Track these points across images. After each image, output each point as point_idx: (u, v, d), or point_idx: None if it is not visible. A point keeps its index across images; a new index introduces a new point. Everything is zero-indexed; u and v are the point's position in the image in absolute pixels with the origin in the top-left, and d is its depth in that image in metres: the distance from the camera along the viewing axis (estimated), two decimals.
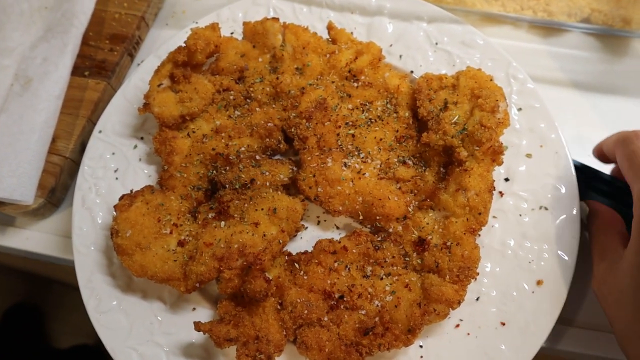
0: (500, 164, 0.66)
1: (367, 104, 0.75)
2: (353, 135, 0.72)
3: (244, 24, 0.79)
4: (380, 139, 0.72)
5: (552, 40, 0.87)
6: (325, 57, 0.77)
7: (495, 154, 0.66)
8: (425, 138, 0.69)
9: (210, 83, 0.75)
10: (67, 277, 1.71)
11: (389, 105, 0.75)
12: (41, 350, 1.81)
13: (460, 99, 0.70)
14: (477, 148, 0.66)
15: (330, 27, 0.79)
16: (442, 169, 0.70)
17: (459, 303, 0.60)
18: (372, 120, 0.74)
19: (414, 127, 0.73)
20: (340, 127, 0.73)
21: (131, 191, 0.69)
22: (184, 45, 0.75)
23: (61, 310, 1.97)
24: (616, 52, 0.84)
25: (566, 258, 0.63)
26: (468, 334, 0.61)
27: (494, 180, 0.66)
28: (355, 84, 0.76)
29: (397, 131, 0.73)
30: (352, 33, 0.80)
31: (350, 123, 0.73)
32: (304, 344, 0.59)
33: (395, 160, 0.71)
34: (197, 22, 0.83)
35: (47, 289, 1.99)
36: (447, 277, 0.61)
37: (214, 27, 0.77)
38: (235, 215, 0.66)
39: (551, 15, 0.85)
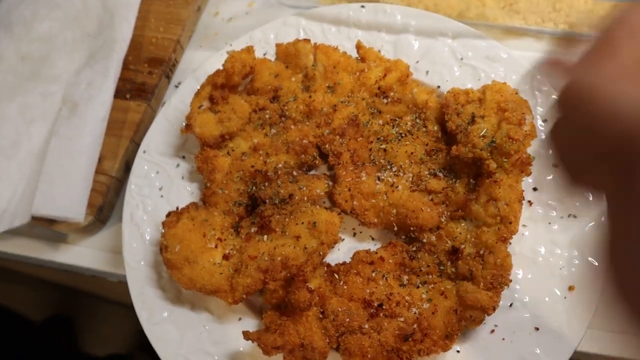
0: (528, 174, 0.69)
1: (397, 119, 0.78)
2: (385, 150, 0.76)
3: (277, 45, 0.83)
4: (411, 153, 0.75)
5: (574, 51, 0.89)
6: (355, 75, 0.81)
7: (524, 165, 0.69)
8: (455, 151, 0.72)
9: (246, 103, 0.79)
10: (97, 289, 1.77)
11: (418, 120, 0.78)
12: (77, 357, 1.86)
13: (487, 113, 0.73)
14: (505, 160, 0.69)
15: (359, 46, 0.82)
16: (472, 180, 0.73)
17: (494, 309, 0.63)
18: (403, 135, 0.77)
19: (443, 141, 0.77)
20: (372, 142, 0.76)
21: (177, 208, 0.73)
22: (221, 68, 0.79)
23: (92, 321, 2.03)
24: None
25: (596, 264, 0.66)
26: (503, 339, 0.64)
27: (523, 190, 0.68)
28: (385, 100, 0.79)
29: (427, 145, 0.76)
30: (379, 51, 0.83)
31: (382, 138, 0.77)
32: (347, 350, 0.63)
33: (427, 172, 0.74)
34: (231, 45, 0.87)
35: (78, 301, 2.05)
36: (481, 284, 0.64)
37: (249, 50, 0.81)
38: (277, 229, 0.69)
39: (572, 27, 0.87)
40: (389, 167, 0.75)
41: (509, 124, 0.71)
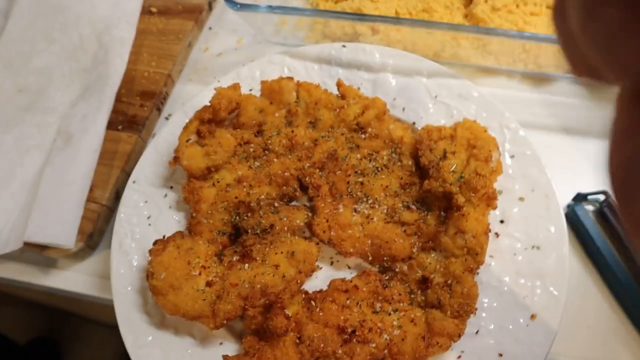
0: (494, 208, 0.74)
1: (374, 153, 0.83)
2: (362, 183, 0.80)
3: (262, 82, 0.88)
4: (386, 186, 0.80)
5: (543, 88, 0.95)
6: (335, 112, 0.85)
7: (490, 200, 0.73)
8: (427, 185, 0.77)
9: (232, 137, 0.84)
10: (83, 311, 1.79)
11: (393, 155, 0.83)
12: None
13: (457, 149, 0.78)
14: (473, 195, 0.73)
15: (339, 84, 0.88)
16: (442, 212, 0.77)
17: (459, 336, 0.67)
18: (379, 169, 0.81)
19: (416, 175, 0.81)
20: (350, 175, 0.81)
21: (164, 237, 0.77)
22: (209, 104, 0.84)
23: (76, 343, 2.04)
24: (601, 98, 0.92)
25: (556, 293, 0.70)
26: None
27: (489, 223, 0.73)
28: (363, 136, 0.84)
29: (402, 178, 0.81)
30: (359, 88, 0.89)
31: (359, 172, 0.81)
32: None
33: (400, 205, 0.78)
34: (219, 81, 0.92)
35: (63, 322, 2.06)
36: (449, 312, 0.68)
37: (236, 87, 0.86)
38: (258, 258, 0.73)
39: (540, 67, 0.93)
40: (365, 199, 0.79)
41: (477, 160, 0.76)
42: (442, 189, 0.76)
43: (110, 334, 1.99)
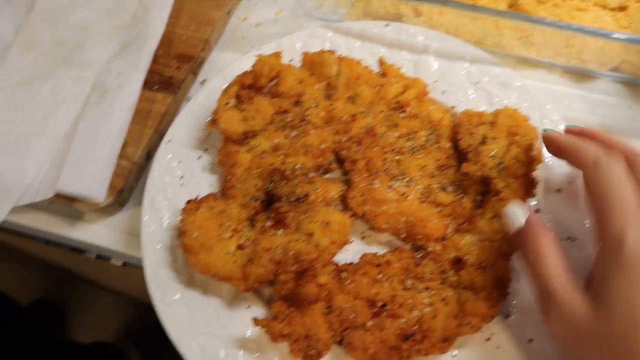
0: (533, 196, 0.73)
1: (412, 133, 0.82)
2: (398, 161, 0.80)
3: (304, 54, 0.87)
4: (423, 166, 0.79)
5: (584, 85, 0.94)
6: (375, 89, 0.85)
7: (530, 187, 0.73)
8: (465, 168, 0.76)
9: (270, 105, 0.83)
10: (91, 275, 1.79)
11: (431, 136, 0.82)
12: (61, 344, 1.87)
13: (498, 135, 0.77)
14: (512, 180, 0.73)
15: (381, 62, 0.87)
16: (478, 197, 0.77)
17: (492, 318, 0.66)
18: (416, 149, 0.81)
19: (453, 158, 0.81)
20: (386, 152, 0.80)
21: (196, 197, 0.77)
22: (250, 70, 0.83)
23: (81, 307, 2.05)
24: None
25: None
26: (498, 347, 0.68)
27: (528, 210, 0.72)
28: (402, 115, 0.83)
29: (439, 160, 0.80)
30: (400, 68, 0.88)
31: (396, 150, 0.81)
32: (350, 344, 0.66)
33: (436, 186, 0.78)
34: (259, 49, 0.91)
35: (70, 285, 2.06)
36: (481, 294, 0.68)
37: (277, 55, 0.85)
38: (292, 225, 0.73)
39: (583, 63, 0.92)
40: (401, 177, 0.78)
41: (518, 147, 0.75)
42: (480, 172, 0.75)
43: (115, 301, 2.00)
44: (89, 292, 2.02)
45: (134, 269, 1.12)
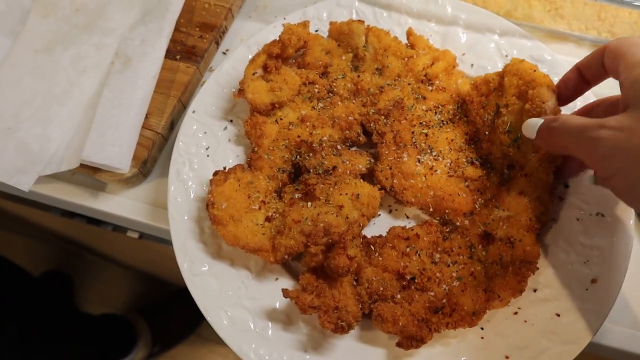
0: (558, 164, 0.70)
1: (440, 106, 0.81)
2: (426, 135, 0.79)
3: (331, 23, 0.86)
4: (452, 140, 0.79)
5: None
6: (403, 61, 0.83)
7: (552, 157, 0.69)
8: (486, 149, 0.76)
9: (297, 76, 0.82)
10: (101, 248, 1.80)
11: (459, 110, 0.81)
12: (71, 314, 1.89)
13: (509, 100, 0.73)
14: (533, 154, 0.70)
15: (409, 34, 0.85)
16: (506, 170, 0.76)
17: (521, 292, 0.66)
18: (444, 122, 0.80)
19: (482, 132, 0.80)
20: (415, 125, 0.79)
21: (224, 168, 0.76)
22: (277, 39, 0.82)
23: (91, 279, 2.07)
24: None
25: (618, 262, 0.69)
26: (525, 321, 0.68)
27: (554, 180, 0.70)
28: (430, 88, 0.82)
29: (467, 134, 0.79)
30: (428, 40, 0.86)
31: (424, 123, 0.80)
32: (380, 316, 0.66)
33: (464, 160, 0.77)
34: (285, 18, 0.90)
35: (79, 257, 2.08)
36: (510, 269, 0.68)
37: (305, 24, 0.83)
38: (321, 197, 0.73)
39: (614, 37, 0.90)
40: (429, 151, 0.78)
41: (533, 110, 0.69)
42: (500, 152, 0.74)
43: (123, 274, 2.01)
44: (99, 265, 2.03)
45: (149, 242, 1.14)
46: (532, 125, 0.65)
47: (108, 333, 1.80)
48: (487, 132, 0.76)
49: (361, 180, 0.75)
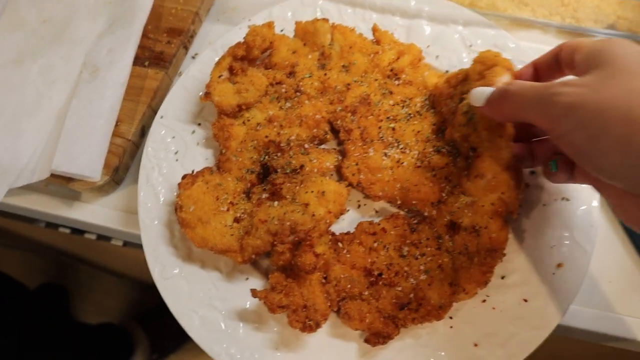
0: (511, 139, 0.67)
1: (407, 100, 0.82)
2: (393, 129, 0.79)
3: (296, 23, 0.86)
4: (418, 132, 0.79)
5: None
6: (369, 57, 0.84)
7: (502, 131, 0.66)
8: (448, 135, 0.75)
9: (264, 76, 0.83)
10: (95, 257, 1.81)
11: (427, 102, 0.81)
12: (68, 325, 1.90)
13: (472, 85, 0.70)
14: (485, 133, 0.67)
15: (375, 30, 0.86)
16: (471, 152, 0.71)
17: (486, 284, 0.66)
18: (412, 115, 0.80)
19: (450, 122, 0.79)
20: (382, 120, 0.80)
21: (192, 171, 0.77)
22: (243, 41, 0.82)
23: (86, 290, 2.07)
24: None
25: (584, 245, 0.70)
26: (493, 308, 0.69)
27: (511, 156, 0.67)
28: (397, 82, 0.83)
29: (434, 124, 0.79)
30: (393, 34, 0.87)
31: (391, 117, 0.80)
32: (347, 314, 0.67)
33: (431, 149, 0.77)
34: (250, 19, 0.90)
35: (73, 269, 2.09)
36: (475, 259, 0.67)
37: (270, 25, 0.84)
38: (287, 196, 0.73)
39: (578, 22, 0.91)
40: (396, 144, 0.78)
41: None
42: (458, 133, 0.71)
43: (117, 283, 2.02)
44: (93, 275, 2.04)
45: (134, 249, 1.14)
46: (479, 92, 0.64)
47: (105, 343, 1.80)
48: (450, 118, 0.75)
49: (327, 178, 0.75)
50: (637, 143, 0.49)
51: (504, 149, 0.67)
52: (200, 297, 0.72)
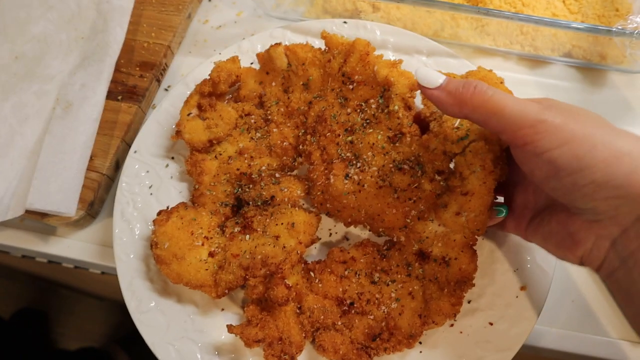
0: (502, 180, 0.66)
1: (363, 103, 0.79)
2: (351, 142, 0.77)
3: (257, 55, 0.88)
4: (373, 144, 0.76)
5: (538, 71, 0.97)
6: (322, 69, 0.83)
7: (497, 175, 0.65)
8: (426, 141, 0.71)
9: (233, 110, 0.85)
10: (75, 282, 1.80)
11: (381, 100, 0.78)
12: (48, 352, 1.87)
13: None
14: (479, 168, 0.65)
15: (323, 35, 0.83)
16: (437, 175, 0.72)
17: (455, 315, 0.68)
18: (368, 121, 0.78)
19: (405, 122, 0.75)
20: (339, 135, 0.78)
21: (167, 207, 0.78)
22: (208, 77, 0.84)
23: (66, 315, 2.05)
24: (594, 83, 0.94)
25: (545, 268, 0.73)
26: (461, 332, 0.71)
27: (494, 196, 0.67)
28: (351, 86, 0.80)
29: (390, 129, 0.76)
30: (342, 35, 0.82)
31: (349, 129, 0.78)
32: (321, 346, 0.69)
33: (391, 165, 0.74)
34: (220, 53, 0.92)
35: (52, 293, 2.07)
36: (445, 290, 0.69)
37: (235, 59, 0.86)
38: (258, 229, 0.75)
39: (537, 50, 0.95)
40: (355, 161, 0.76)
41: None
42: (442, 147, 0.69)
43: (99, 306, 2.00)
44: (73, 299, 2.02)
45: (113, 276, 1.14)
46: (432, 73, 0.61)
47: None
48: (433, 124, 0.72)
49: (297, 208, 0.77)
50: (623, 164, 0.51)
51: (491, 193, 0.66)
52: (177, 330, 0.74)
